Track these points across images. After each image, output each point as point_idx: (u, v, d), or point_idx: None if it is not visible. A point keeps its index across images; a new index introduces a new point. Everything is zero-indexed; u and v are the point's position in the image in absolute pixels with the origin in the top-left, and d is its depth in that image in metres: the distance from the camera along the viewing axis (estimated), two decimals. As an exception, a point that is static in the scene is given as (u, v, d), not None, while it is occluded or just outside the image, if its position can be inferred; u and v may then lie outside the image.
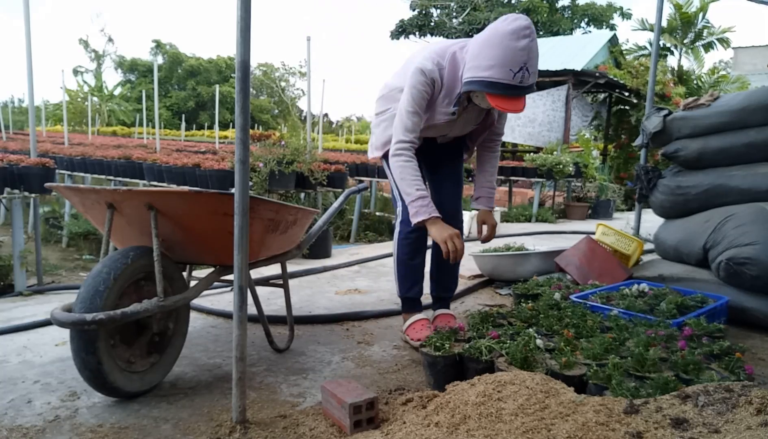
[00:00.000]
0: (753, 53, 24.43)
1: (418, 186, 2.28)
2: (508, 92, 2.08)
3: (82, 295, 1.79)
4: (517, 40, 2.04)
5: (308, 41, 7.07)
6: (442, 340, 2.11)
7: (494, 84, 2.07)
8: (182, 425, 1.78)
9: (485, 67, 2.08)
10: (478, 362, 1.97)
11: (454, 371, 2.02)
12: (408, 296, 2.61)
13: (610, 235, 3.86)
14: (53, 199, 8.11)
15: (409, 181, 2.28)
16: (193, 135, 26.67)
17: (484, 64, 2.08)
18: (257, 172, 4.85)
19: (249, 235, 1.68)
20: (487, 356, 1.97)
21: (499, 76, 2.06)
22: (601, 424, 1.40)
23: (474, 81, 2.12)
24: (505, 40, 2.04)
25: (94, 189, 1.99)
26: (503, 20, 2.11)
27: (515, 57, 2.04)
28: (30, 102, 4.38)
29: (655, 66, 4.90)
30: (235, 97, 1.60)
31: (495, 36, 2.07)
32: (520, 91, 2.09)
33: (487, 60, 2.08)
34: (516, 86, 2.07)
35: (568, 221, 8.33)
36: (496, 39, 2.06)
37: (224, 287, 3.54)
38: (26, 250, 3.98)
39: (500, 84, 2.06)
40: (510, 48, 2.04)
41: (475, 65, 2.12)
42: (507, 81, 2.06)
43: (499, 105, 2.11)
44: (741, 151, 3.22)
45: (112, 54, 38.84)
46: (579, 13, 20.83)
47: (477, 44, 2.14)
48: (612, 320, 2.32)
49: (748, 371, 1.81)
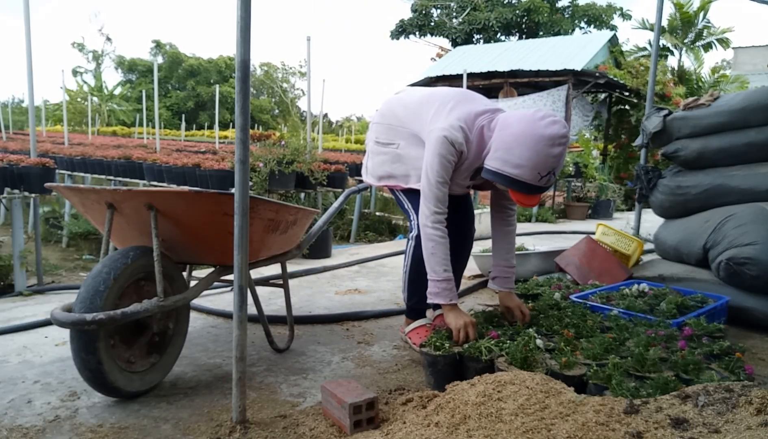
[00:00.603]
0: (753, 53, 24.44)
1: (446, 268, 2.21)
2: (529, 191, 2.07)
3: (82, 295, 1.79)
4: (552, 147, 2.01)
5: (308, 41, 7.07)
6: (441, 340, 2.11)
7: (520, 183, 2.05)
8: (182, 425, 1.78)
9: (514, 165, 2.04)
10: (477, 362, 1.97)
11: (453, 370, 2.02)
12: (416, 307, 2.54)
13: (610, 235, 3.86)
14: (53, 199, 8.10)
15: (439, 259, 2.21)
16: (193, 135, 26.66)
17: (513, 162, 2.04)
18: (257, 172, 4.85)
19: (249, 235, 1.68)
20: (487, 356, 1.97)
21: (526, 178, 2.04)
22: (601, 424, 1.40)
23: (500, 174, 2.08)
24: (539, 145, 2.00)
25: (94, 189, 1.99)
26: (540, 119, 2.05)
27: (547, 163, 2.02)
28: (30, 102, 4.37)
29: (655, 66, 4.91)
30: (235, 97, 1.60)
31: (530, 137, 2.02)
32: (541, 191, 2.09)
33: (517, 158, 2.03)
34: (540, 188, 2.07)
35: (568, 221, 8.33)
36: (530, 140, 2.01)
37: (224, 287, 3.54)
38: (26, 250, 3.98)
39: (526, 184, 2.05)
40: (543, 154, 2.01)
41: (504, 159, 2.07)
42: (533, 183, 2.04)
43: (518, 200, 2.12)
44: (741, 151, 3.22)
45: (110, 53, 38.85)
46: (579, 13, 20.81)
47: (509, 135, 2.07)
48: (612, 320, 2.32)
49: (748, 371, 1.81)
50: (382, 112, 2.52)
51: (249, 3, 1.56)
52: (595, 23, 20.80)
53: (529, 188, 2.06)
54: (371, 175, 2.55)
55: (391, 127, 2.45)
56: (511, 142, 2.05)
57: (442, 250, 2.21)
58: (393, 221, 7.90)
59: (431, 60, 19.35)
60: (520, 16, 19.63)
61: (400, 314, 3.05)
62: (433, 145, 2.18)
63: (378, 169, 2.49)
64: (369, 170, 2.57)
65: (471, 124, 2.19)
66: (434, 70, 12.72)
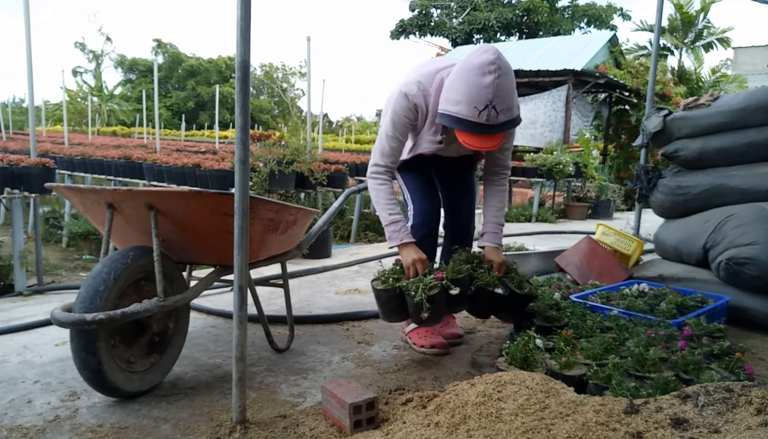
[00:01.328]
0: (753, 53, 24.44)
1: (391, 210, 2.25)
2: (474, 130, 1.99)
3: (82, 295, 1.79)
4: (482, 76, 1.93)
5: (308, 41, 7.07)
6: (393, 274, 2.21)
7: (460, 121, 2.00)
8: (182, 425, 1.78)
9: (453, 102, 2.01)
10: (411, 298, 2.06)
11: (397, 304, 2.16)
12: None
13: (610, 235, 3.86)
14: (53, 199, 8.10)
15: (383, 205, 2.26)
16: (193, 135, 26.67)
17: (453, 99, 2.01)
18: (257, 172, 4.85)
19: (249, 235, 1.68)
20: (420, 297, 2.02)
21: (464, 112, 1.98)
22: (601, 424, 1.40)
23: (444, 115, 2.06)
24: (471, 76, 1.95)
25: (94, 189, 1.99)
26: (474, 51, 2.01)
27: (480, 94, 1.94)
28: (30, 102, 4.37)
29: (655, 66, 4.91)
30: (235, 97, 1.60)
31: (464, 69, 1.99)
32: (488, 130, 1.99)
33: (455, 94, 2.00)
34: (482, 125, 1.98)
35: (568, 221, 8.33)
36: (464, 72, 1.98)
37: (224, 287, 3.54)
38: (26, 250, 3.98)
39: (465, 121, 1.99)
40: (475, 84, 1.94)
41: (446, 97, 2.05)
42: (472, 119, 1.97)
43: (466, 142, 2.03)
44: (741, 151, 3.22)
45: (110, 53, 38.86)
46: (579, 13, 20.82)
47: (452, 74, 2.05)
48: (612, 320, 2.32)
49: (748, 371, 1.81)
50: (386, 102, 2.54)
51: (249, 3, 1.56)
52: (595, 23, 20.82)
53: (471, 126, 1.98)
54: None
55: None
56: (451, 80, 2.04)
57: (383, 195, 2.26)
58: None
59: (431, 60, 19.32)
60: (520, 16, 19.64)
61: (400, 314, 3.05)
62: (390, 102, 2.23)
63: None
64: None
65: (430, 78, 2.19)
66: (434, 70, 12.69)
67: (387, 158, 2.27)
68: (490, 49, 1.98)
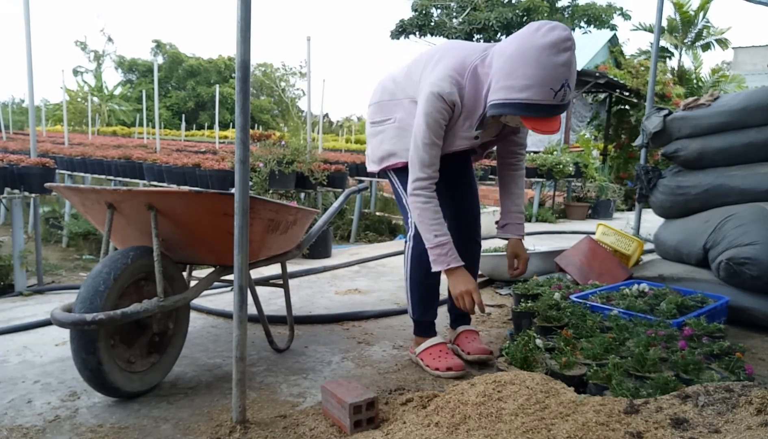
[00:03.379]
0: (753, 53, 24.46)
1: (436, 232, 2.04)
2: (547, 113, 1.84)
3: (82, 295, 1.79)
4: (558, 55, 1.78)
5: (308, 41, 7.07)
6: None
7: (533, 106, 1.82)
8: (182, 425, 1.78)
9: (521, 88, 1.81)
10: None
11: None
12: (422, 320, 2.32)
13: (610, 235, 3.86)
14: (53, 199, 8.11)
15: (427, 225, 2.05)
16: (193, 135, 26.66)
17: (520, 84, 1.81)
18: (257, 172, 4.85)
19: (249, 235, 1.68)
20: None
21: (538, 97, 1.80)
22: (601, 424, 1.40)
23: (508, 103, 1.85)
24: (543, 56, 1.78)
25: (94, 189, 1.99)
26: (536, 30, 1.82)
27: (557, 74, 1.78)
28: (30, 102, 4.37)
29: (655, 66, 4.91)
30: (235, 97, 1.60)
31: (530, 50, 1.79)
32: (559, 111, 1.85)
33: (522, 79, 1.81)
34: (557, 106, 1.83)
35: (568, 221, 8.33)
36: (532, 53, 1.79)
37: (224, 287, 3.54)
38: (26, 250, 3.98)
39: (538, 106, 1.82)
40: (550, 64, 1.77)
41: (508, 85, 1.85)
42: (548, 102, 1.81)
43: (536, 127, 1.87)
44: (741, 151, 3.22)
45: (111, 54, 38.84)
46: (579, 13, 20.82)
47: (507, 59, 1.86)
48: (612, 320, 2.31)
49: (748, 371, 1.80)
50: (374, 92, 2.35)
51: (249, 3, 1.56)
52: (595, 23, 20.80)
53: (545, 109, 1.82)
54: (372, 161, 2.36)
55: (382, 105, 2.28)
56: (510, 65, 1.83)
57: (429, 214, 2.05)
58: (393, 221, 7.90)
59: (431, 60, 19.31)
60: (520, 16, 19.61)
61: (400, 313, 3.05)
62: (421, 105, 2.01)
63: (377, 151, 2.30)
64: (369, 156, 2.38)
65: (461, 68, 1.99)
66: (434, 70, 12.69)
67: (430, 168, 2.04)
68: (557, 25, 1.82)
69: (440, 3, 20.81)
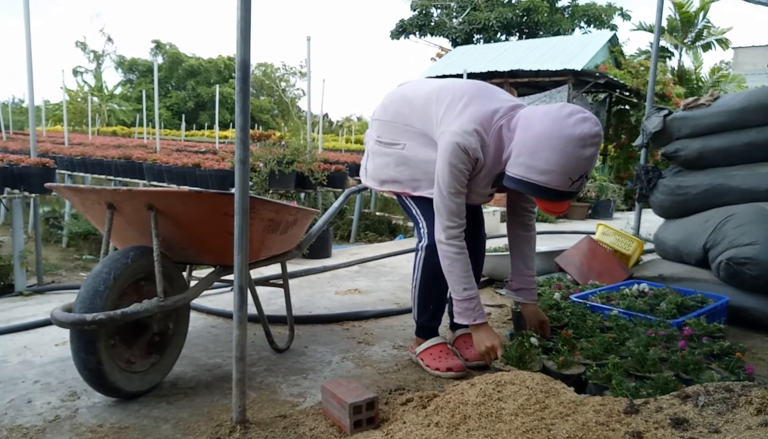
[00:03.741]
0: (753, 53, 24.47)
1: (466, 285, 2.04)
2: (560, 199, 1.86)
3: (82, 295, 1.79)
4: (584, 149, 1.77)
5: (308, 41, 7.08)
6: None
7: (549, 191, 1.83)
8: (182, 425, 1.78)
9: (540, 171, 1.81)
10: None
11: None
12: (427, 325, 2.31)
13: (610, 235, 3.86)
14: (53, 199, 8.10)
15: (457, 277, 2.05)
16: (193, 135, 26.67)
17: (540, 168, 1.81)
18: (257, 172, 4.85)
19: (249, 235, 1.68)
20: None
21: (556, 184, 1.81)
22: (601, 424, 1.40)
23: (525, 182, 1.86)
24: (569, 147, 1.77)
25: (94, 189, 1.99)
26: (568, 116, 1.80)
27: (579, 166, 1.78)
28: (30, 102, 4.37)
29: (655, 66, 4.91)
30: (235, 97, 1.60)
31: (557, 138, 1.78)
32: (571, 196, 1.87)
33: (544, 163, 1.80)
34: (570, 192, 1.84)
35: (568, 221, 8.33)
36: (558, 142, 1.77)
37: (224, 287, 3.54)
38: (26, 250, 3.98)
39: (555, 192, 1.83)
40: (575, 156, 1.77)
41: (528, 165, 1.83)
42: (564, 189, 1.82)
43: (546, 208, 1.90)
44: (741, 151, 3.22)
45: (111, 54, 38.84)
46: (579, 13, 20.81)
47: (533, 137, 1.83)
48: (612, 320, 2.32)
49: (748, 371, 1.81)
50: (385, 108, 2.27)
51: (249, 3, 1.56)
52: (595, 23, 20.81)
53: (559, 195, 1.84)
54: (371, 178, 2.34)
55: (395, 126, 2.21)
56: (535, 145, 1.82)
57: (460, 266, 2.04)
58: (393, 221, 7.90)
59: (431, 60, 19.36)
60: (520, 15, 19.62)
61: (400, 313, 3.05)
62: (443, 152, 1.97)
63: (380, 172, 2.27)
64: (369, 173, 2.36)
65: (488, 125, 1.96)
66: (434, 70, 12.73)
67: (458, 217, 2.02)
68: (591, 119, 1.82)
69: (440, 3, 20.80)
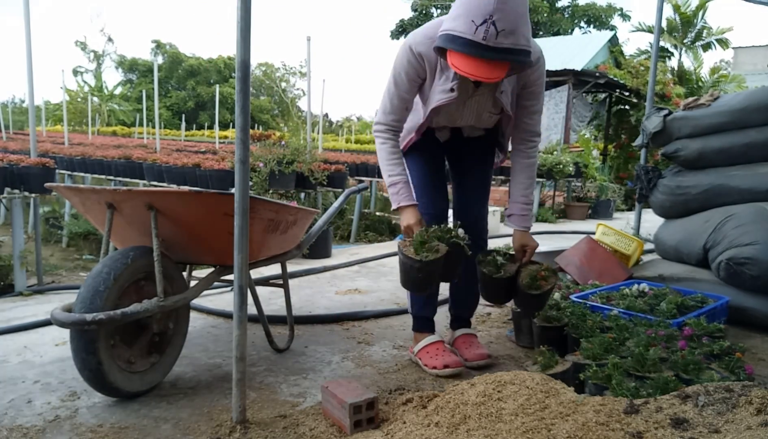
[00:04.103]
0: (753, 53, 24.48)
1: (391, 171, 2.15)
2: (468, 50, 1.73)
3: (82, 295, 1.79)
4: None
5: (308, 41, 7.07)
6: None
7: (453, 38, 1.75)
8: (182, 425, 1.78)
9: (451, 18, 1.80)
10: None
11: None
12: (420, 315, 2.36)
13: (610, 235, 3.86)
14: (53, 199, 8.10)
15: (383, 166, 2.17)
16: (193, 135, 26.67)
17: (451, 15, 1.80)
18: (257, 172, 4.85)
19: (249, 235, 1.68)
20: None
21: (461, 29, 1.73)
22: (601, 424, 1.40)
23: (440, 35, 1.82)
24: None
25: (94, 189, 1.99)
26: None
27: (479, 6, 1.70)
28: (30, 102, 4.37)
29: (655, 66, 4.91)
30: (235, 97, 1.60)
31: None
32: (485, 53, 1.72)
33: (454, 9, 1.80)
34: (478, 44, 1.71)
35: (568, 221, 8.33)
36: None
37: (224, 287, 3.54)
38: (26, 250, 3.98)
39: (459, 38, 1.73)
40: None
41: (446, 18, 1.86)
42: (467, 35, 1.72)
43: (460, 67, 1.75)
44: (741, 151, 3.22)
45: (111, 54, 38.84)
46: (579, 13, 20.83)
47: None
48: (612, 320, 2.32)
49: (748, 371, 1.81)
50: None
51: (249, 3, 1.56)
52: (594, 23, 20.83)
53: (465, 44, 1.72)
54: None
55: None
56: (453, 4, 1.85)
57: (384, 154, 2.16)
58: (393, 221, 7.90)
59: (431, 60, 19.32)
60: (520, 16, 19.63)
61: (400, 313, 3.05)
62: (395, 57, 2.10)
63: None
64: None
65: (436, 26, 1.95)
66: (434, 70, 12.68)
67: (389, 116, 2.14)
68: None
69: (440, 3, 20.79)
